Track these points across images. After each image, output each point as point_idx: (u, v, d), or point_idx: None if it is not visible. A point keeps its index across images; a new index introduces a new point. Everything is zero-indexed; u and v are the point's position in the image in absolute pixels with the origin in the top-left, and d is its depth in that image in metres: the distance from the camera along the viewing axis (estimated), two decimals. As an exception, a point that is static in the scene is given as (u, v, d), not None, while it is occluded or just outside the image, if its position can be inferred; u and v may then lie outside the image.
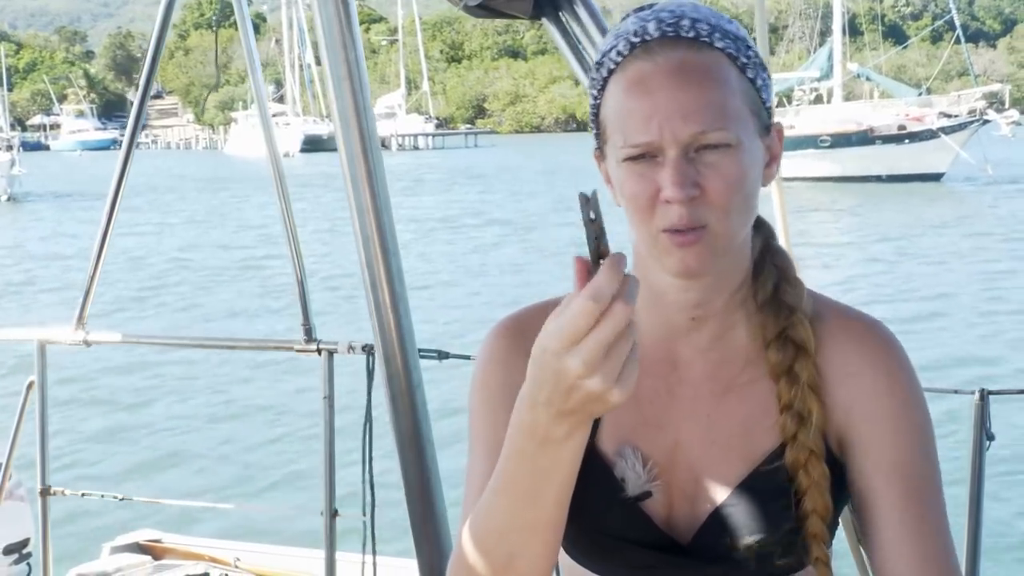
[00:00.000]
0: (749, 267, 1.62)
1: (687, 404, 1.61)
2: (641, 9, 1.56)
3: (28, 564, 5.59)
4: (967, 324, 18.53)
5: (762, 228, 1.64)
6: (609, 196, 1.60)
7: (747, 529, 1.55)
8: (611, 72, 1.53)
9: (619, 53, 1.52)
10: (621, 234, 1.38)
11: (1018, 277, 23.46)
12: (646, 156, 1.48)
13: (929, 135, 46.08)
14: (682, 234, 1.47)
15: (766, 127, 1.55)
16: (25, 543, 5.55)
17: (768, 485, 1.55)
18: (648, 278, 1.58)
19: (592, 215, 1.22)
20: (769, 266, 1.62)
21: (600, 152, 1.60)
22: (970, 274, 24.23)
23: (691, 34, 1.49)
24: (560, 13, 3.02)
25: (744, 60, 1.52)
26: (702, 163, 1.46)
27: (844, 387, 1.58)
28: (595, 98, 1.57)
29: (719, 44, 1.50)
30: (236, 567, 5.86)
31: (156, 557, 6.07)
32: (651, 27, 1.50)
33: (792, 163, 43.00)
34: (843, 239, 30.54)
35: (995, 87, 56.46)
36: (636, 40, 1.50)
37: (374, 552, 3.72)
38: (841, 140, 47.49)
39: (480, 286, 23.84)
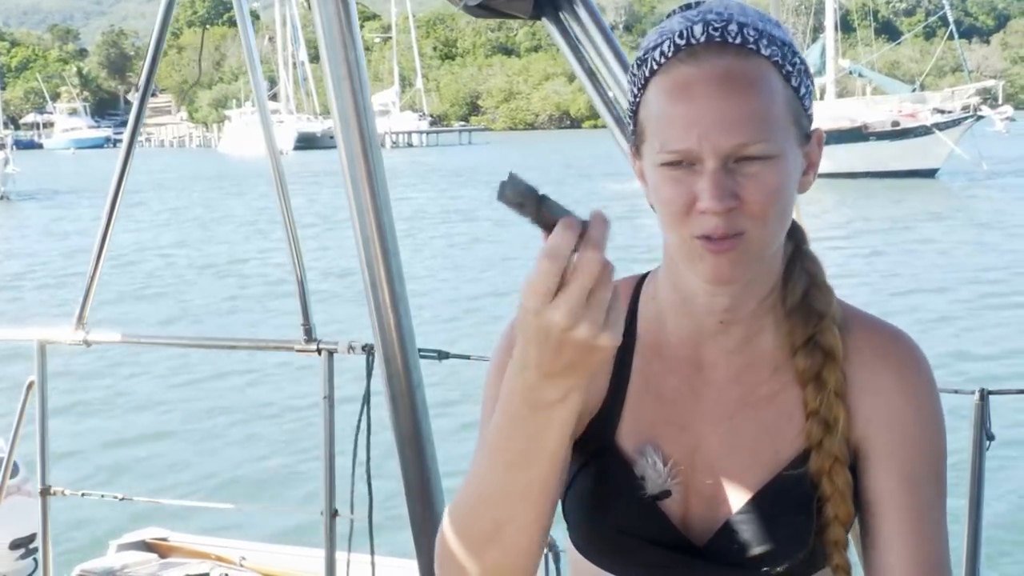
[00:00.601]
0: (780, 272, 1.60)
1: (710, 406, 1.60)
2: (688, 7, 1.53)
3: (35, 559, 5.63)
4: (938, 316, 18.78)
5: (794, 233, 1.62)
6: (642, 193, 1.59)
7: (764, 535, 1.54)
8: (653, 72, 1.50)
9: (663, 54, 1.49)
10: (647, 227, 1.37)
11: (995, 272, 23.65)
12: (683, 163, 1.46)
13: (923, 131, 46.07)
14: (717, 242, 1.45)
15: (806, 135, 1.53)
16: (32, 538, 5.59)
17: (789, 492, 1.55)
18: (678, 280, 1.58)
19: (519, 198, 1.23)
20: (799, 271, 1.61)
21: (636, 150, 1.58)
22: (945, 267, 24.50)
23: (738, 40, 1.46)
24: (560, 13, 3.02)
25: (789, 68, 1.49)
26: (741, 174, 1.45)
27: (867, 399, 1.57)
28: (635, 96, 1.54)
29: (765, 51, 1.47)
30: (241, 566, 5.89)
31: (162, 555, 6.12)
32: (698, 30, 1.47)
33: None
34: (832, 234, 30.64)
35: (989, 83, 56.46)
36: (681, 42, 1.47)
37: (372, 551, 3.72)
38: (835, 137, 47.39)
39: (456, 281, 23.90)
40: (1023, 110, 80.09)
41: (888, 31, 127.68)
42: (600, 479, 1.53)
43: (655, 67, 1.50)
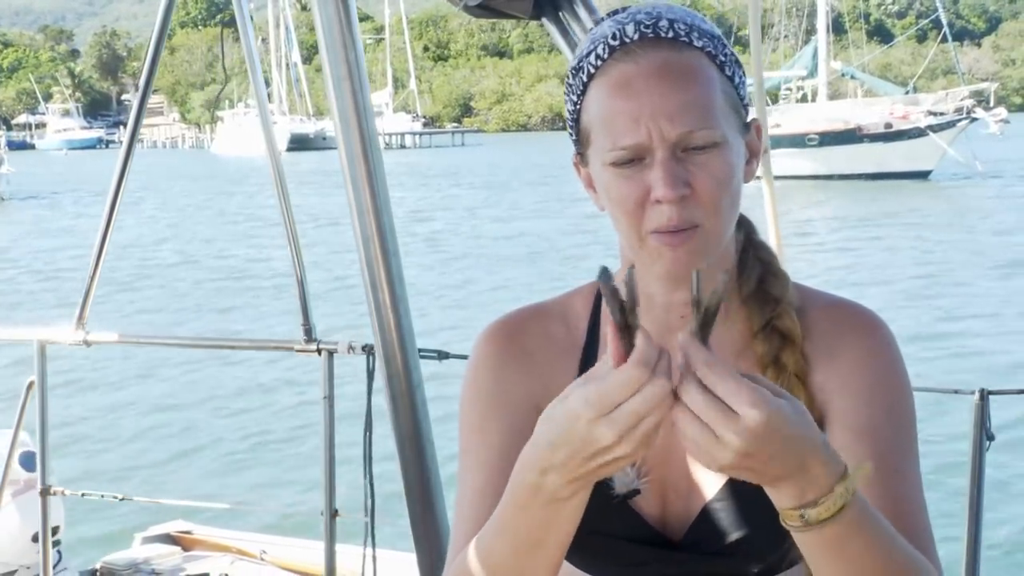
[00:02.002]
0: (734, 263, 1.62)
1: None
2: (615, 13, 1.56)
3: (59, 552, 5.68)
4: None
5: (744, 223, 1.65)
6: (592, 204, 1.61)
7: (738, 523, 1.55)
8: (591, 77, 1.53)
9: (598, 57, 1.52)
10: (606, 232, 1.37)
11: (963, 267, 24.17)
12: (634, 160, 1.48)
13: (917, 133, 46.07)
14: (672, 235, 1.47)
15: (745, 124, 1.56)
16: (55, 530, 5.65)
17: None
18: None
19: (615, 292, 1.23)
20: (753, 260, 1.64)
21: (581, 157, 1.60)
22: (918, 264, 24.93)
23: (670, 34, 1.50)
24: (560, 13, 3.03)
25: (722, 58, 1.53)
26: (691, 163, 1.47)
27: (824, 369, 1.58)
28: (575, 104, 1.57)
29: (698, 43, 1.51)
30: (262, 560, 6.01)
31: (186, 548, 6.26)
32: (629, 29, 1.50)
33: (779, 162, 42.87)
34: (817, 232, 30.93)
35: (984, 85, 56.43)
36: (615, 43, 1.51)
37: (374, 551, 3.73)
38: (829, 138, 47.48)
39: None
40: (1015, 113, 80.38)
41: (880, 33, 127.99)
42: None
43: (592, 71, 1.53)
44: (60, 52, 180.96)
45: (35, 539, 5.58)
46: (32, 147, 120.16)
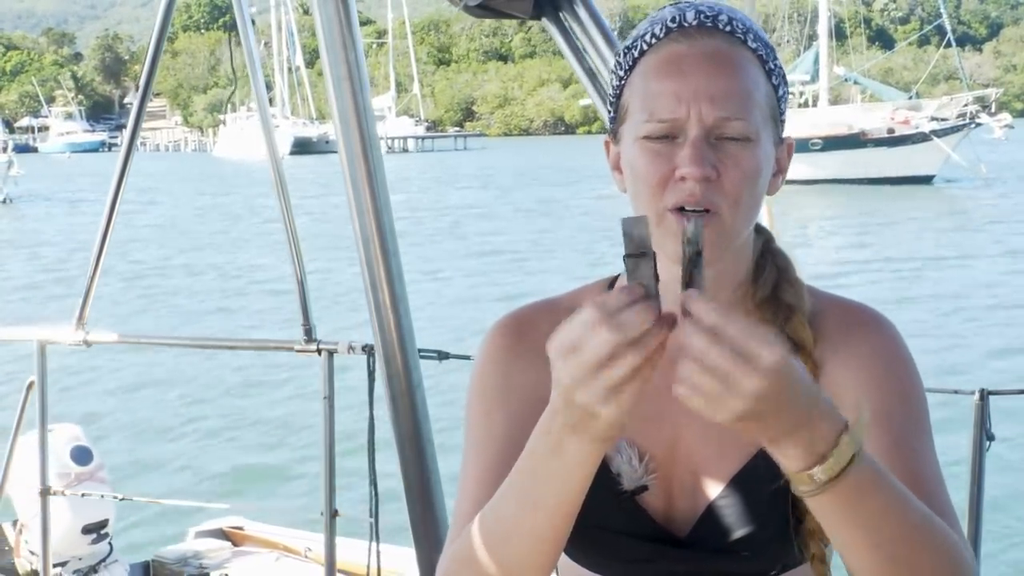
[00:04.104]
0: (750, 267, 1.63)
1: None
2: (678, 2, 1.58)
3: (110, 544, 5.75)
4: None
5: (762, 231, 1.67)
6: (615, 185, 1.62)
7: (743, 521, 1.56)
8: (643, 53, 1.55)
9: (654, 36, 1.55)
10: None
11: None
12: (667, 136, 1.50)
13: (921, 138, 46.05)
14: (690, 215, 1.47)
15: (780, 138, 1.58)
16: (104, 524, 5.73)
17: (763, 478, 1.53)
18: None
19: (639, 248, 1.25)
20: (770, 267, 1.64)
21: (613, 136, 1.62)
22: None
23: (727, 28, 1.53)
24: (560, 13, 3.03)
25: (771, 66, 1.56)
26: (722, 151, 1.49)
27: (833, 368, 1.59)
28: (620, 79, 1.59)
29: (752, 44, 1.54)
30: (306, 557, 6.16)
31: (236, 543, 6.45)
32: (690, 15, 1.54)
33: (781, 166, 42.86)
34: (816, 235, 31.01)
35: (987, 91, 56.42)
36: (673, 25, 1.54)
37: (379, 552, 3.73)
38: (832, 143, 47.44)
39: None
40: (1016, 118, 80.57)
41: (881, 39, 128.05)
42: None
43: (645, 48, 1.56)
44: (63, 55, 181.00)
45: (85, 531, 5.67)
46: (35, 150, 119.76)
